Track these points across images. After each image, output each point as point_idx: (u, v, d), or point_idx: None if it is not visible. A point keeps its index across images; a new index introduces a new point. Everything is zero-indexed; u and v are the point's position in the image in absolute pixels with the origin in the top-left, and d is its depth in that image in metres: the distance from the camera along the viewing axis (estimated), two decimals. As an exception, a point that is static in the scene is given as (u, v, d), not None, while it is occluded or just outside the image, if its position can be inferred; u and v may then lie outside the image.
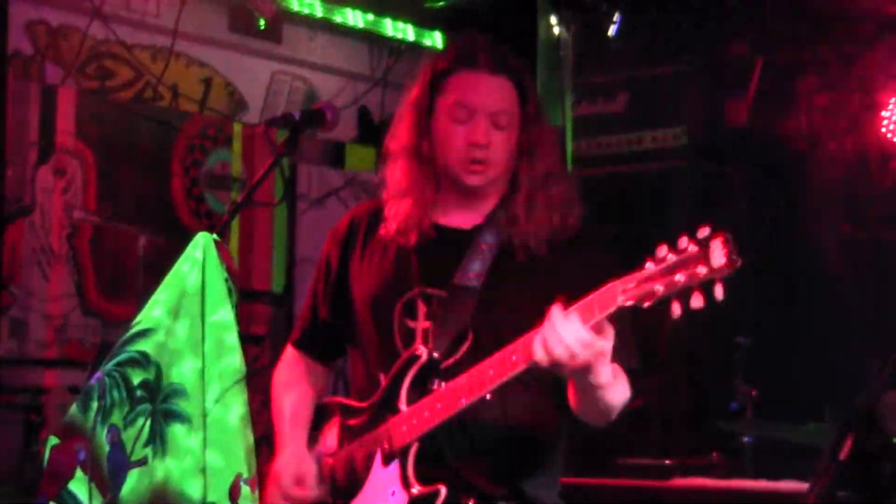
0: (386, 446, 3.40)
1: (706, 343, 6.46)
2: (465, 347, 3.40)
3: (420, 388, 3.38)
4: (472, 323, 3.41)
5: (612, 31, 6.96)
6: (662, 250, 2.88)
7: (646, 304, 2.89)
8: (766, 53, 6.87)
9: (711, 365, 6.53)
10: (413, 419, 3.34)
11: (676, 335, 6.29)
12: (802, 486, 2.10)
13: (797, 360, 6.49)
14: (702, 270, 2.81)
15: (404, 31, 7.72)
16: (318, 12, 7.34)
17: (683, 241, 2.86)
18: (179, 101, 6.86)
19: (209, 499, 3.02)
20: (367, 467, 3.45)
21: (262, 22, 6.95)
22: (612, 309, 2.97)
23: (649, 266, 2.89)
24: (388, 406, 3.43)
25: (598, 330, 3.04)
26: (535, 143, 3.51)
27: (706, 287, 2.82)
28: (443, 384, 3.34)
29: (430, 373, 3.39)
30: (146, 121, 6.66)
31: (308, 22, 7.37)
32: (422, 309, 3.46)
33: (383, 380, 3.46)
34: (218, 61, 7.04)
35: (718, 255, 2.79)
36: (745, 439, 5.81)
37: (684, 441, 6.51)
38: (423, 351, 3.39)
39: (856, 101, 6.55)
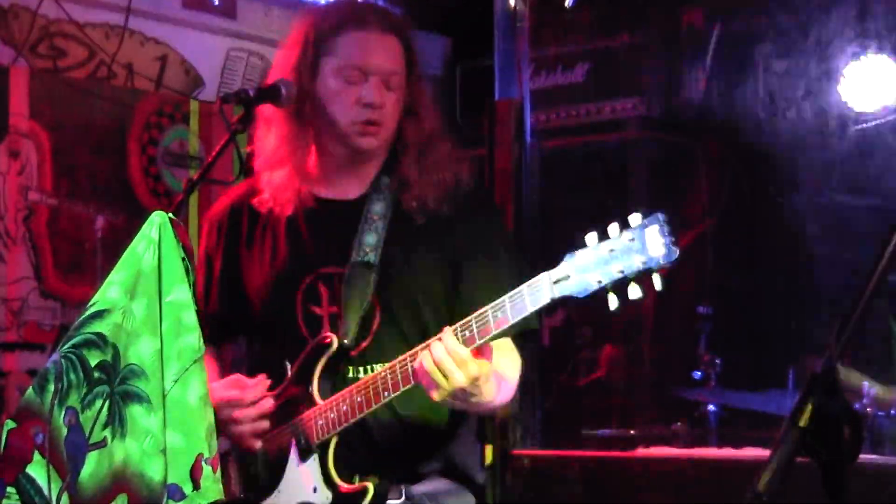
0: (302, 440, 3.31)
1: (668, 312, 6.48)
2: (374, 327, 3.32)
3: (332, 378, 3.30)
4: (378, 301, 3.31)
5: (568, 1, 6.93)
6: (592, 238, 2.79)
7: (581, 297, 2.80)
8: (722, 21, 6.87)
9: (674, 334, 6.54)
10: (330, 412, 3.25)
11: (638, 304, 6.29)
12: (766, 453, 2.10)
13: (759, 328, 6.51)
14: (638, 260, 2.72)
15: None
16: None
17: (614, 229, 2.77)
18: (134, 80, 6.79)
19: (170, 479, 3.00)
20: (283, 462, 3.36)
21: (216, -3, 6.89)
22: (545, 302, 2.88)
23: (581, 255, 2.80)
24: (300, 397, 3.34)
25: (477, 352, 2.97)
26: (420, 103, 3.44)
27: (644, 277, 2.74)
28: (360, 372, 3.28)
29: (342, 361, 3.30)
30: (101, 100, 6.59)
31: (263, -3, 7.32)
32: (324, 292, 3.37)
33: (289, 369, 3.37)
34: (173, 38, 6.98)
35: (656, 243, 2.71)
36: (709, 408, 5.83)
37: (648, 411, 6.52)
38: (331, 338, 3.29)
39: (813, 68, 6.55)
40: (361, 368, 3.31)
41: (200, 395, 3.04)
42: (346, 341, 3.31)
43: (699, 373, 5.93)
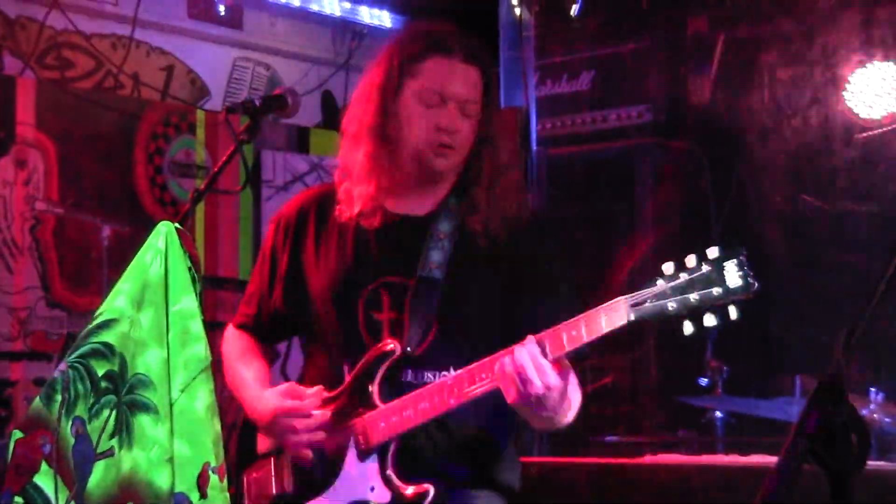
0: (362, 441, 3.39)
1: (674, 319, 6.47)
2: (430, 339, 3.41)
3: (393, 384, 3.39)
4: (438, 315, 3.42)
5: (574, 10, 6.94)
6: (669, 267, 2.94)
7: (655, 320, 2.96)
8: (727, 29, 6.87)
9: (680, 341, 6.54)
10: (392, 416, 3.34)
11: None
12: (773, 460, 2.10)
13: (766, 335, 6.51)
14: (717, 291, 2.86)
15: (369, 15, 7.70)
16: (295, 1, 7.32)
17: (692, 260, 2.91)
18: (141, 90, 6.82)
19: (177, 489, 3.01)
20: (340, 460, 3.43)
21: (221, 8, 6.91)
22: (622, 323, 3.01)
23: (660, 283, 2.94)
24: (360, 400, 3.41)
25: (557, 366, 3.09)
26: (497, 133, 3.55)
27: (720, 307, 2.89)
28: (421, 377, 3.37)
29: (402, 367, 3.40)
30: (108, 110, 6.62)
31: (269, 7, 7.34)
32: (386, 299, 3.47)
33: (348, 371, 3.45)
34: (179, 49, 7.01)
35: (734, 276, 2.85)
36: (716, 414, 5.83)
37: (655, 418, 6.52)
38: (394, 345, 3.39)
39: (818, 75, 6.55)
40: (419, 375, 3.38)
41: (207, 404, 3.05)
42: (409, 349, 3.38)
43: (706, 380, 5.93)
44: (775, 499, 2.02)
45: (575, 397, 3.31)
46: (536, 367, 3.06)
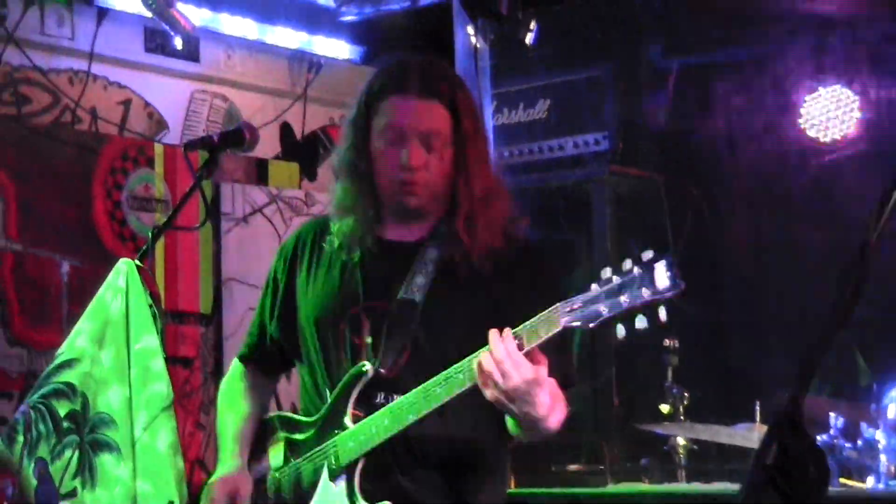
0: (333, 462, 3.44)
1: (634, 346, 6.51)
2: (405, 361, 3.44)
3: (366, 404, 3.43)
4: (414, 336, 3.45)
5: (529, 39, 6.98)
6: (606, 272, 2.97)
7: (591, 326, 2.97)
8: (680, 56, 6.94)
9: (641, 368, 6.57)
10: (360, 435, 3.38)
11: (604, 339, 6.32)
12: (735, 487, 2.13)
13: (726, 361, 6.55)
14: (646, 293, 2.88)
15: (325, 46, 7.71)
16: (251, 34, 7.33)
17: (627, 264, 2.94)
18: (99, 125, 6.80)
19: (141, 528, 3.01)
20: (314, 483, 3.49)
21: (178, 41, 6.91)
22: (556, 330, 3.05)
23: (594, 288, 2.97)
24: (334, 421, 3.47)
25: (532, 359, 3.09)
26: (471, 162, 3.53)
27: (649, 309, 2.90)
28: (389, 399, 3.39)
29: (376, 388, 3.44)
30: (65, 145, 6.59)
31: (225, 40, 7.34)
32: (366, 324, 3.50)
33: (329, 395, 3.49)
34: (136, 83, 6.99)
35: (662, 277, 2.87)
36: (678, 441, 5.85)
37: (617, 446, 6.54)
38: (368, 366, 3.43)
39: (772, 101, 6.61)
40: (393, 397, 3.40)
41: (170, 442, 3.06)
42: (382, 370, 3.42)
43: (667, 406, 5.95)
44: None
45: (562, 400, 3.29)
46: (514, 363, 3.08)
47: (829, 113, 6.45)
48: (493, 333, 3.12)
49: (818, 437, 5.01)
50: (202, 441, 6.79)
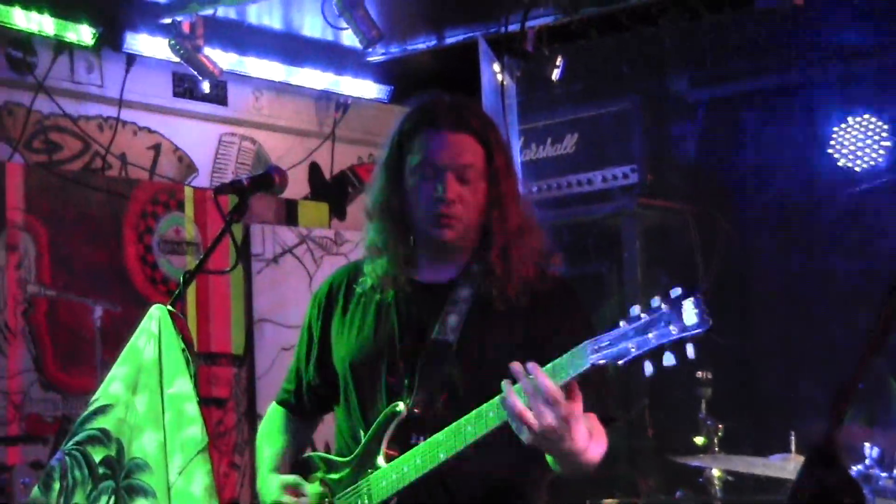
0: (366, 501, 3.46)
1: (667, 379, 6.48)
2: (441, 401, 3.45)
3: (400, 444, 3.45)
4: (449, 376, 3.46)
5: (555, 75, 7.00)
6: (635, 309, 2.94)
7: (619, 363, 2.94)
8: (707, 87, 6.93)
9: (674, 401, 6.54)
10: (393, 474, 3.40)
11: (638, 373, 6.30)
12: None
13: (759, 391, 6.52)
14: (674, 330, 2.86)
15: (351, 86, 7.75)
16: (278, 76, 7.37)
17: (656, 301, 2.91)
18: (129, 170, 6.85)
19: (178, 572, 3.01)
20: None
21: (206, 85, 6.96)
22: (584, 368, 3.00)
23: (622, 325, 2.94)
24: (368, 461, 3.49)
25: (567, 392, 3.07)
26: (505, 196, 3.56)
27: (677, 346, 2.87)
28: (421, 439, 3.39)
29: (410, 428, 3.45)
30: (96, 191, 6.64)
31: (253, 82, 7.39)
32: (401, 365, 3.51)
33: (363, 436, 3.51)
34: (165, 127, 7.05)
35: (690, 314, 2.84)
36: (713, 473, 5.82)
37: (652, 479, 6.51)
38: (401, 406, 3.45)
39: (801, 131, 6.60)
40: (426, 437, 3.41)
41: (205, 485, 3.07)
42: (416, 410, 3.43)
43: (701, 438, 5.92)
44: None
45: (600, 433, 3.27)
46: (548, 399, 3.02)
47: (859, 142, 6.43)
48: (515, 367, 3.08)
49: (853, 468, 4.97)
50: (237, 481, 6.81)
